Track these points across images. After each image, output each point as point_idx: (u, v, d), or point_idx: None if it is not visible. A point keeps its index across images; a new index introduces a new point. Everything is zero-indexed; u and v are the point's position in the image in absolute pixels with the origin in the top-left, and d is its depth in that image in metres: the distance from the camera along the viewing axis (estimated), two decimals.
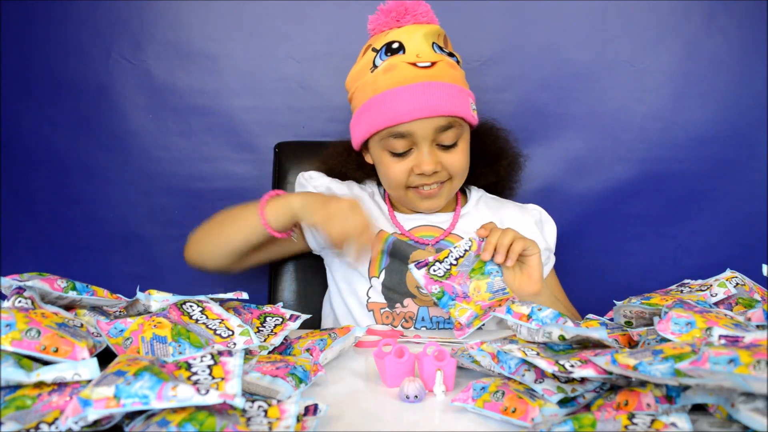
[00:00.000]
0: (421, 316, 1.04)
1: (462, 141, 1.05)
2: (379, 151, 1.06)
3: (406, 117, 1.00)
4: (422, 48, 1.03)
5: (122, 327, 0.64)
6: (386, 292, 1.06)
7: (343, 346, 0.79)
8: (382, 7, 1.07)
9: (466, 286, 0.88)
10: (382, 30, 1.07)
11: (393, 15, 1.06)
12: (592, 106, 1.41)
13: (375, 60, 1.04)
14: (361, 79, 1.07)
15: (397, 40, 1.03)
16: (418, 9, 1.06)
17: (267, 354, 0.71)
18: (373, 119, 1.03)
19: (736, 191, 1.42)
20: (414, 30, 1.04)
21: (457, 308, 0.85)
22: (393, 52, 1.03)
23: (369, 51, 1.07)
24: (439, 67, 1.03)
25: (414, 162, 1.03)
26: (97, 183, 1.41)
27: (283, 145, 1.31)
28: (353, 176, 1.18)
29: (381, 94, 1.02)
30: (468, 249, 0.91)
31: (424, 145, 1.02)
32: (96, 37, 1.38)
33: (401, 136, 1.02)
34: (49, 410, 0.51)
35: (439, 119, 1.01)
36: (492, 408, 0.59)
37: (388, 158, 1.05)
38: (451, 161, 1.04)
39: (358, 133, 1.09)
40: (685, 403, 0.52)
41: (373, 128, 1.04)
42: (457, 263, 0.90)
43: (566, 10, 1.39)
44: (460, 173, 1.08)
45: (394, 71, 1.02)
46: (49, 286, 0.67)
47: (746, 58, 1.39)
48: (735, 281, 0.81)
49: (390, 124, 1.01)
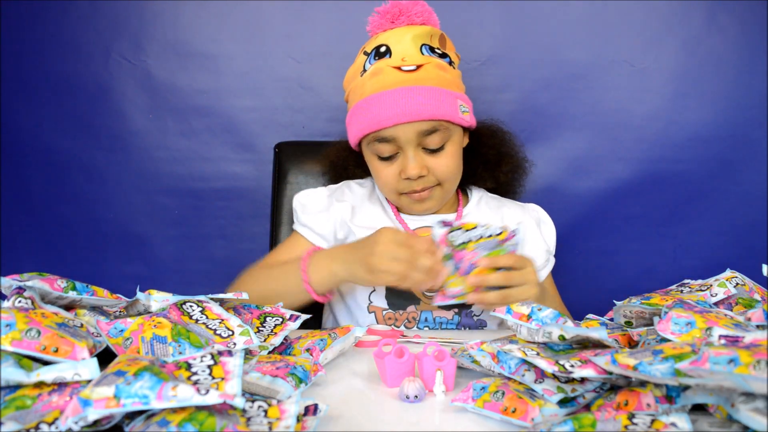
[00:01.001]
0: (424, 317, 1.04)
1: (450, 144, 1.04)
2: (368, 154, 1.07)
3: (387, 122, 1.00)
4: (408, 51, 1.02)
5: (122, 327, 0.64)
6: (389, 297, 1.05)
7: (343, 346, 0.79)
8: (378, 8, 1.07)
9: (473, 267, 0.86)
10: (377, 31, 1.07)
11: (388, 16, 1.06)
12: (592, 106, 1.41)
13: (365, 64, 1.05)
14: (353, 82, 1.08)
15: (385, 44, 1.03)
16: (412, 9, 1.05)
17: (267, 354, 0.71)
18: (359, 124, 1.04)
19: (736, 191, 1.42)
20: (403, 33, 1.03)
21: (451, 278, 0.86)
22: (380, 56, 1.03)
23: (362, 54, 1.08)
24: (425, 70, 1.02)
25: (401, 166, 1.03)
26: (97, 183, 1.41)
27: (283, 145, 1.31)
28: (354, 173, 1.18)
29: (366, 98, 1.03)
30: (496, 235, 0.88)
31: (409, 150, 1.02)
32: (96, 37, 1.38)
33: (385, 140, 1.02)
34: (49, 410, 0.51)
35: (421, 123, 1.00)
36: (492, 408, 0.59)
37: (377, 162, 1.05)
38: (437, 165, 1.03)
39: (350, 134, 1.09)
40: (685, 403, 0.52)
41: (360, 132, 1.04)
42: (477, 241, 0.87)
43: (566, 10, 1.39)
44: (449, 178, 1.06)
45: (379, 76, 1.02)
46: (49, 286, 0.67)
47: (746, 58, 1.39)
48: (735, 281, 0.80)
49: (373, 129, 1.01)
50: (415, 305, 1.04)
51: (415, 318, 1.03)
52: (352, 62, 1.11)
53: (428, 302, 1.04)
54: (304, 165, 1.26)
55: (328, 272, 0.96)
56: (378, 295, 1.05)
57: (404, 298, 1.05)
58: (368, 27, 1.09)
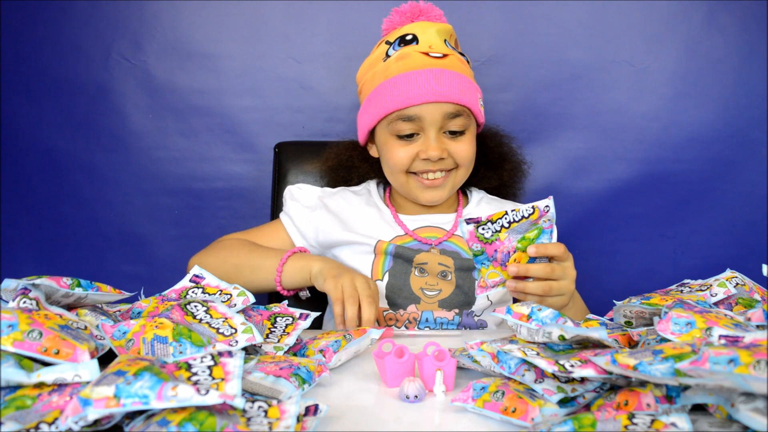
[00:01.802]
0: (425, 317, 1.04)
1: (469, 132, 1.07)
2: (385, 135, 1.07)
3: (416, 99, 1.01)
4: (435, 41, 1.06)
5: (125, 329, 0.64)
6: (390, 296, 1.05)
7: (358, 348, 0.78)
8: (396, 9, 1.10)
9: (508, 256, 0.84)
10: (395, 27, 1.10)
11: (408, 15, 1.09)
12: (592, 106, 1.42)
13: (388, 51, 1.07)
14: (372, 70, 1.09)
15: (411, 33, 1.06)
16: (432, 12, 1.10)
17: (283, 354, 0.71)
18: (383, 102, 1.04)
19: (736, 191, 1.42)
20: (428, 26, 1.07)
21: (489, 270, 0.85)
22: (406, 43, 1.06)
23: (382, 44, 1.09)
24: (450, 60, 1.06)
25: (420, 147, 1.04)
26: (97, 183, 1.41)
27: (283, 145, 1.31)
28: (358, 171, 1.17)
29: (392, 78, 1.04)
30: (528, 216, 0.83)
31: (432, 131, 1.03)
32: (96, 37, 1.38)
33: (409, 119, 1.03)
34: (49, 410, 0.51)
35: (448, 105, 1.02)
36: (492, 408, 0.59)
37: (394, 142, 1.06)
38: (458, 149, 1.05)
39: (366, 120, 1.09)
40: (685, 403, 0.52)
41: (383, 111, 1.05)
42: (510, 227, 0.84)
43: (566, 10, 1.39)
44: (467, 163, 1.08)
45: (407, 59, 1.04)
46: (56, 284, 0.68)
47: (746, 58, 1.39)
48: (735, 281, 0.81)
49: (400, 106, 1.02)
50: (416, 305, 1.04)
51: (416, 318, 1.03)
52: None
53: (427, 302, 1.04)
54: (304, 165, 1.26)
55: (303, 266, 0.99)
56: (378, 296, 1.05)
57: (404, 298, 1.05)
58: (384, 26, 1.11)
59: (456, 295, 1.05)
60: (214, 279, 0.82)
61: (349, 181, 1.19)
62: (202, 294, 0.79)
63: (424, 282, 1.05)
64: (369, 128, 1.09)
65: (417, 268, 1.05)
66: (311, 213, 1.12)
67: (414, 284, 1.05)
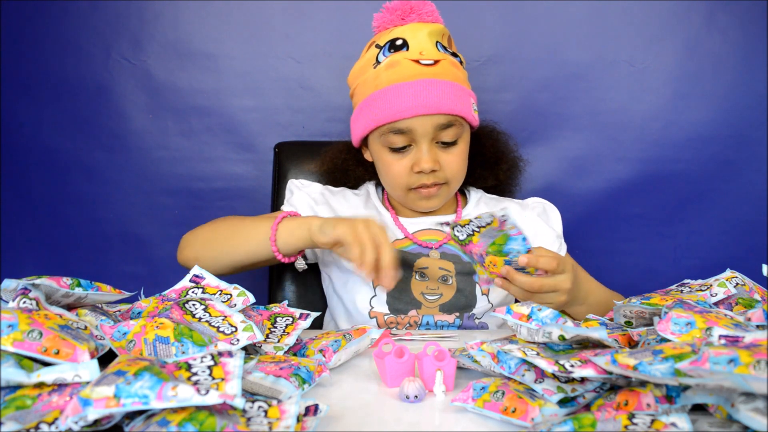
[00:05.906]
0: (426, 321, 1.03)
1: (461, 141, 1.05)
2: (378, 147, 1.06)
3: (407, 113, 0.99)
4: (426, 46, 1.02)
5: (125, 330, 0.64)
6: (391, 302, 1.05)
7: (358, 348, 0.78)
8: (387, 5, 1.07)
9: (483, 258, 0.85)
10: (386, 27, 1.07)
11: (398, 13, 1.05)
12: (592, 106, 1.42)
13: (378, 56, 1.04)
14: (363, 75, 1.07)
15: (401, 37, 1.03)
16: (423, 8, 1.05)
17: (283, 354, 0.71)
18: (374, 114, 1.03)
19: (736, 191, 1.42)
20: (418, 28, 1.03)
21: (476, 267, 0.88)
22: (396, 49, 1.03)
23: (372, 47, 1.07)
24: (442, 66, 1.02)
25: (413, 160, 1.03)
26: (97, 183, 1.41)
27: (283, 145, 1.31)
28: (354, 174, 1.17)
29: (383, 89, 1.02)
30: (489, 224, 0.85)
31: (424, 143, 1.01)
32: (96, 37, 1.38)
33: (401, 132, 1.01)
34: (49, 410, 0.51)
35: (439, 117, 1.00)
36: (492, 408, 0.59)
37: (388, 155, 1.04)
38: (448, 162, 1.03)
39: (358, 128, 1.08)
40: (685, 403, 0.52)
41: (373, 123, 1.03)
42: (480, 231, 0.86)
43: (566, 10, 1.39)
44: (456, 177, 1.06)
45: (396, 67, 1.02)
46: (56, 284, 0.68)
47: (746, 58, 1.39)
48: (735, 281, 0.80)
49: (391, 119, 1.01)
50: (417, 309, 1.04)
51: (417, 322, 1.03)
52: (352, 62, 1.11)
53: (428, 306, 1.04)
54: (304, 165, 1.26)
55: (302, 222, 0.95)
56: (379, 300, 1.05)
57: (405, 303, 1.04)
58: (374, 23, 1.08)
59: (457, 298, 1.04)
60: (214, 279, 0.82)
61: (345, 183, 1.18)
62: (202, 294, 0.79)
63: (425, 287, 1.05)
64: (361, 136, 1.08)
65: (417, 272, 1.05)
66: (316, 206, 1.11)
67: (415, 289, 1.04)
